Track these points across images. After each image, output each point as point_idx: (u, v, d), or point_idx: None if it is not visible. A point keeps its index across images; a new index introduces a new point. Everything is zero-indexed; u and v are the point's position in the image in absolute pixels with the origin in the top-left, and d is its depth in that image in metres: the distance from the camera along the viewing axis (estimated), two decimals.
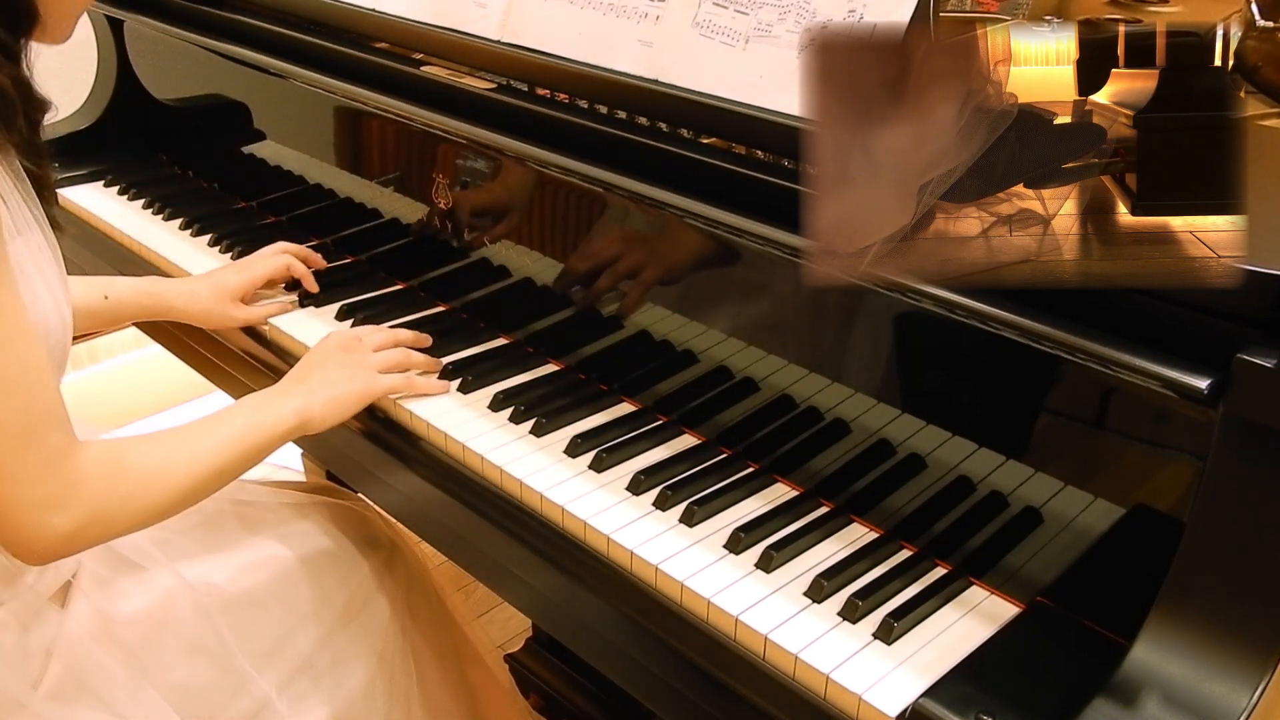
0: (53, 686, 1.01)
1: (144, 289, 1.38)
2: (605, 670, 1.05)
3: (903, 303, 0.94)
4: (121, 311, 1.37)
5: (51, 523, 0.91)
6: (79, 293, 1.31)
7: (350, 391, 1.16)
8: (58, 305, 1.00)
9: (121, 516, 0.97)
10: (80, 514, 0.92)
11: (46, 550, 0.94)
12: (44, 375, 0.91)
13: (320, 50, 1.46)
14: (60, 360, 1.02)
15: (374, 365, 1.19)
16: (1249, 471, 0.77)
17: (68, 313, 1.03)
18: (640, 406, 1.19)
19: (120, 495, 0.96)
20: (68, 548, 0.95)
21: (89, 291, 1.33)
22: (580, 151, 1.16)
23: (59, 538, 0.92)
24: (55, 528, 0.91)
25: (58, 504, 0.91)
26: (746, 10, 1.08)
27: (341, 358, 1.19)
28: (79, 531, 0.93)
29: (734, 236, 1.05)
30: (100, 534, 0.97)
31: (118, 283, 1.38)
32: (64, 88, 2.65)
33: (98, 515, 0.94)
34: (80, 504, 0.93)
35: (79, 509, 0.92)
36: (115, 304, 1.35)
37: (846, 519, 1.04)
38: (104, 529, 0.96)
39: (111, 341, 2.73)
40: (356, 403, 1.17)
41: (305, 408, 1.12)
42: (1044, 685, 0.85)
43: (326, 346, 1.21)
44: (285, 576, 1.18)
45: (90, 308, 1.33)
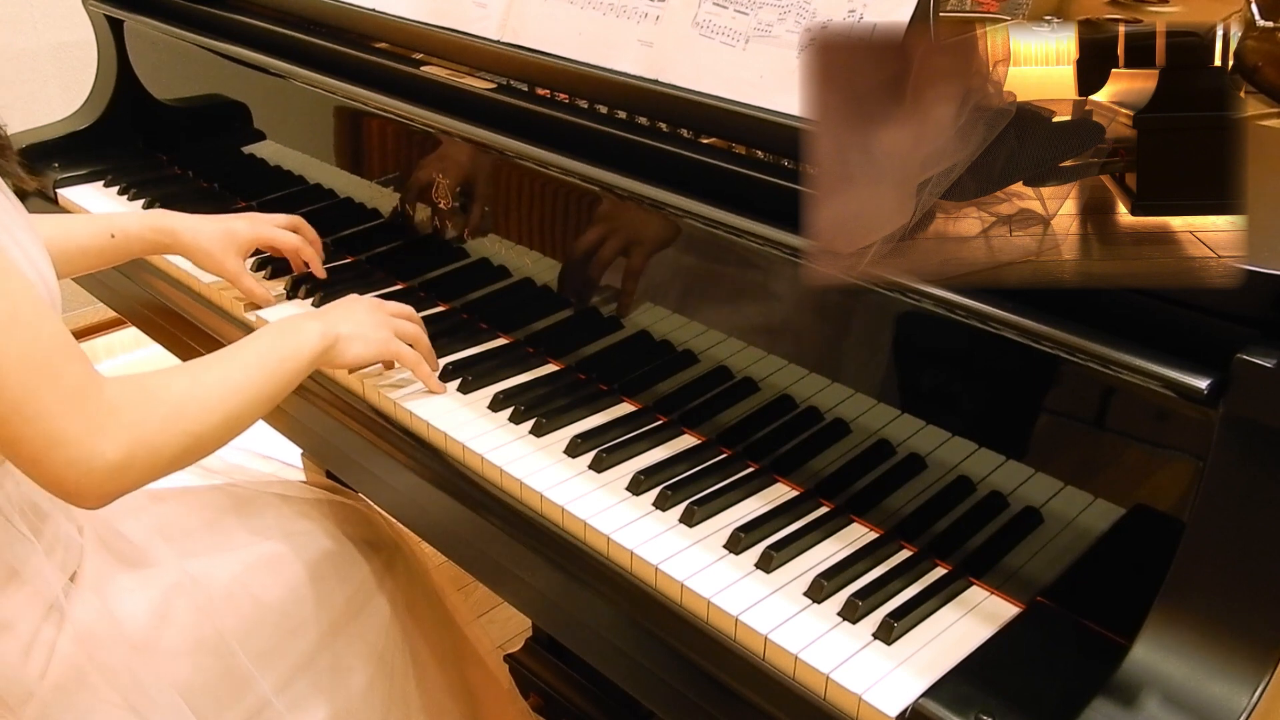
0: (60, 677, 1.01)
1: (150, 223, 1.37)
2: (605, 670, 1.05)
3: (903, 303, 0.94)
4: (130, 247, 1.36)
5: (98, 451, 0.88)
6: (85, 232, 1.32)
7: (374, 336, 1.15)
8: (33, 264, 0.98)
9: (164, 442, 0.93)
10: (123, 439, 0.89)
11: (102, 484, 0.89)
12: (43, 310, 0.88)
13: (320, 50, 1.46)
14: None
15: (394, 329, 1.19)
16: (1249, 471, 0.77)
17: (46, 269, 1.01)
18: (640, 406, 1.20)
19: (158, 418, 0.93)
20: (121, 479, 0.91)
21: (95, 229, 1.33)
22: (580, 151, 1.16)
23: (110, 467, 0.89)
24: (104, 456, 0.88)
25: (97, 432, 0.88)
26: (746, 10, 1.08)
27: (363, 307, 1.19)
28: (128, 459, 0.89)
29: (734, 236, 1.05)
30: (149, 461, 0.92)
31: (123, 218, 1.37)
32: (64, 87, 2.67)
33: (140, 440, 0.91)
34: (120, 428, 0.89)
35: (120, 434, 0.89)
36: (122, 240, 1.34)
37: (846, 519, 1.04)
38: (151, 455, 0.92)
39: (111, 341, 2.74)
40: (377, 347, 1.16)
41: (329, 331, 1.11)
42: (1044, 685, 0.85)
43: (348, 299, 1.21)
44: (286, 576, 1.19)
45: (97, 245, 1.32)
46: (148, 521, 1.17)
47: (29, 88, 2.50)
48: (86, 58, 1.91)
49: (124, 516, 1.15)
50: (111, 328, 2.69)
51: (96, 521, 1.13)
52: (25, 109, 2.42)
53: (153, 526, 1.16)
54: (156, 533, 1.15)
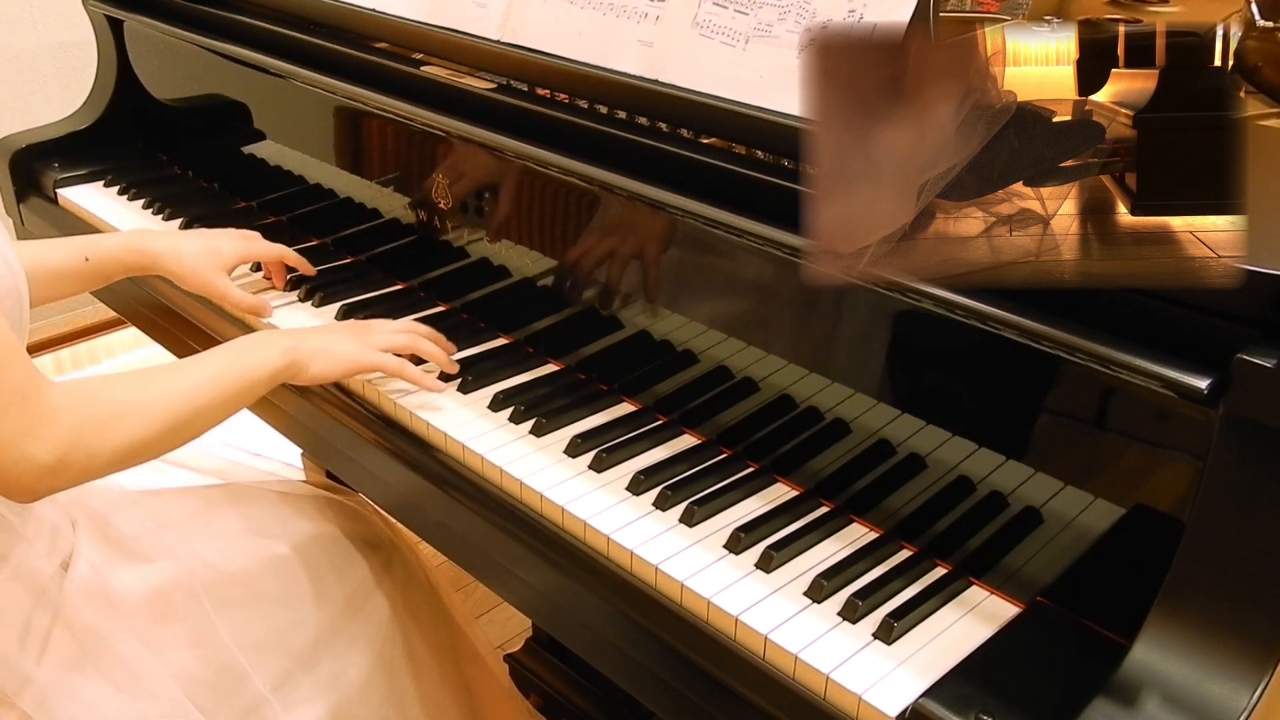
0: (57, 665, 1.02)
1: (129, 245, 1.35)
2: (605, 670, 1.05)
3: (903, 303, 0.94)
4: (107, 271, 1.34)
5: (29, 452, 0.90)
6: (60, 255, 1.30)
7: (344, 352, 1.15)
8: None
9: (101, 448, 0.95)
10: (57, 442, 0.91)
11: (32, 483, 0.92)
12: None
13: (320, 50, 1.46)
14: (12, 308, 1.01)
15: (377, 344, 1.19)
16: (1249, 471, 0.77)
17: (12, 257, 1.01)
18: (640, 406, 1.19)
19: (96, 424, 0.94)
20: (51, 480, 0.93)
21: (70, 253, 1.32)
22: (580, 151, 1.16)
23: (41, 469, 0.91)
24: (34, 458, 0.90)
25: (32, 433, 0.90)
26: (746, 10, 1.08)
27: (347, 328, 1.20)
28: (60, 462, 0.92)
29: (734, 236, 1.05)
30: (83, 465, 0.94)
31: (100, 242, 1.36)
32: (64, 87, 2.67)
33: (75, 444, 0.92)
34: (56, 432, 0.91)
35: (55, 437, 0.91)
36: (98, 263, 1.33)
37: (846, 519, 1.04)
38: (85, 459, 0.94)
39: (111, 341, 2.74)
40: (346, 362, 1.16)
41: (294, 349, 1.11)
42: (1044, 685, 0.85)
43: (333, 323, 1.21)
44: (284, 572, 1.19)
45: (73, 270, 1.31)
46: (146, 516, 1.17)
47: (29, 88, 2.50)
48: (86, 58, 1.91)
49: (122, 510, 1.15)
50: (111, 328, 2.69)
51: (92, 514, 1.13)
52: (25, 109, 2.42)
53: (151, 521, 1.16)
54: (155, 527, 1.15)
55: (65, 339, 2.65)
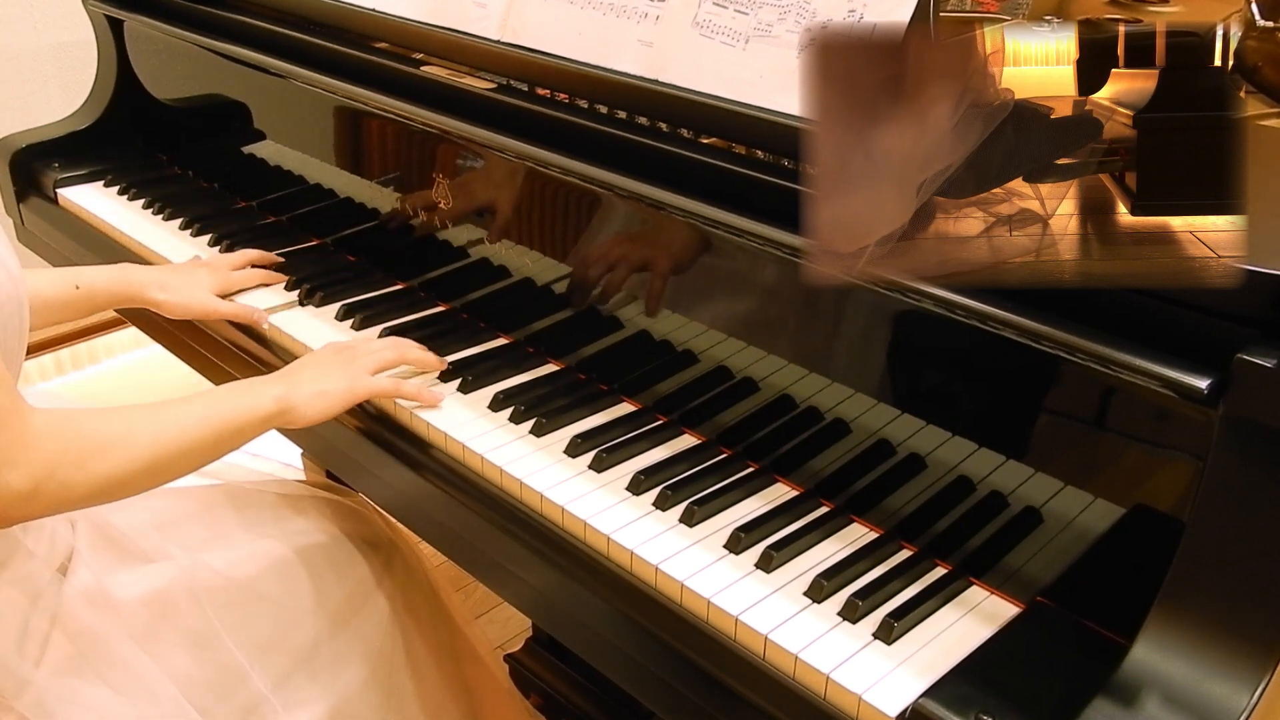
0: (56, 667, 1.01)
1: (118, 276, 1.37)
2: (605, 670, 1.05)
3: (902, 302, 0.94)
4: (95, 300, 1.36)
5: (3, 478, 0.89)
6: (49, 284, 1.32)
7: (336, 388, 1.15)
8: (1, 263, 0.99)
9: (78, 481, 0.94)
10: (33, 472, 0.91)
11: (3, 510, 0.92)
12: None
13: (320, 50, 1.46)
14: (12, 315, 1.01)
15: (366, 368, 1.19)
16: (1249, 471, 0.77)
17: (14, 265, 1.01)
18: (640, 406, 1.19)
19: (75, 457, 0.94)
20: (23, 508, 0.93)
21: (59, 283, 1.33)
22: (580, 151, 1.16)
23: (13, 496, 0.90)
24: (9, 484, 0.90)
25: (8, 461, 0.89)
26: (746, 10, 1.08)
27: (334, 358, 1.19)
28: (34, 492, 0.91)
29: (734, 236, 1.05)
30: (58, 496, 0.94)
31: (88, 272, 1.37)
32: (64, 87, 2.66)
33: (52, 475, 0.92)
34: (32, 462, 0.91)
35: (32, 466, 0.91)
36: (87, 294, 1.34)
37: (846, 519, 1.04)
38: (61, 491, 0.93)
39: (111, 341, 2.74)
40: (342, 398, 1.16)
41: (287, 396, 1.11)
42: (1044, 685, 0.85)
43: (322, 349, 1.22)
44: (283, 572, 1.19)
45: (62, 298, 1.32)
46: (145, 516, 1.17)
47: (29, 88, 2.50)
48: (86, 58, 1.91)
49: (121, 511, 1.15)
50: (111, 328, 2.69)
51: (92, 514, 1.13)
52: (25, 109, 2.42)
53: (150, 521, 1.16)
54: (154, 528, 1.15)
55: (65, 339, 2.64)
